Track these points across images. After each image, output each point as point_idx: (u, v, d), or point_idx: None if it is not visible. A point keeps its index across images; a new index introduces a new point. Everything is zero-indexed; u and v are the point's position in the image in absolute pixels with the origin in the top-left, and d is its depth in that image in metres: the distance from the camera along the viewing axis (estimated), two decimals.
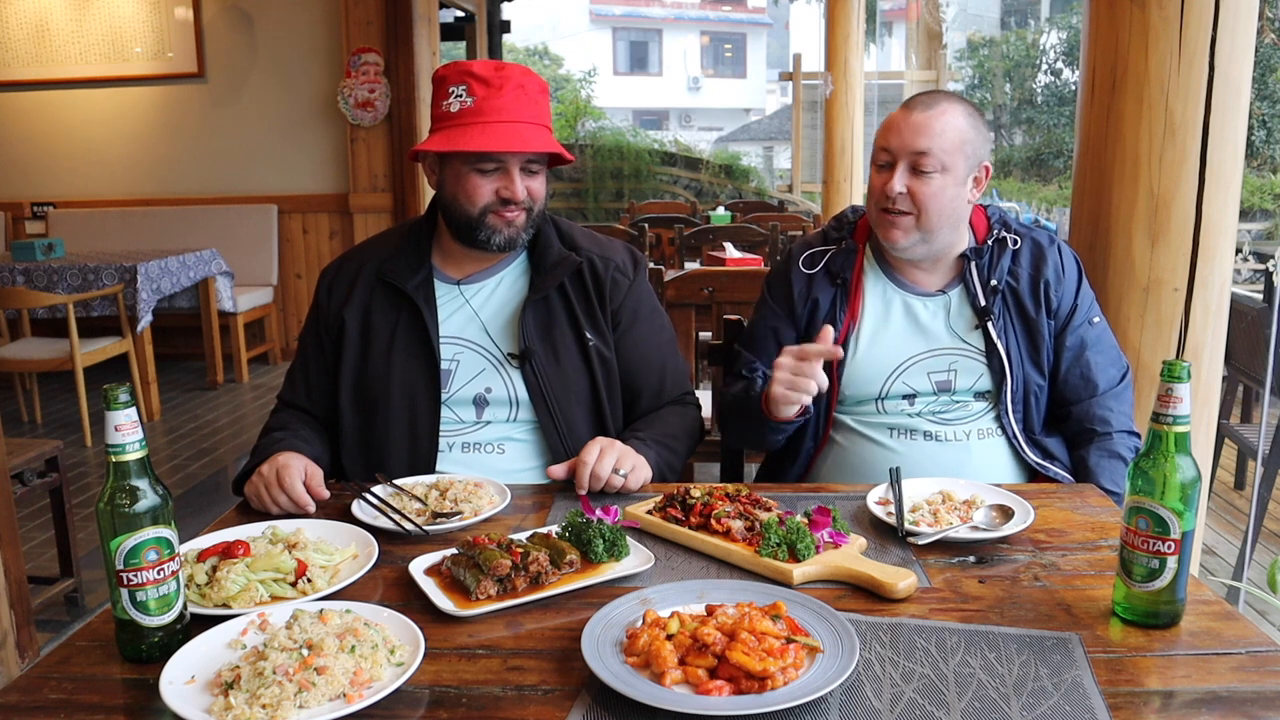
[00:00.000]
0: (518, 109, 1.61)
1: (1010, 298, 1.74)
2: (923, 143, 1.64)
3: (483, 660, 1.05)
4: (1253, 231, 11.59)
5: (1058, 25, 18.35)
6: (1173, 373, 1.07)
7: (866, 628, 1.09)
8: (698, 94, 28.68)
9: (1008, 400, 1.72)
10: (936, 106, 1.67)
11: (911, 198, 1.66)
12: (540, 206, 1.70)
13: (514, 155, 1.62)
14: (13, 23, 6.37)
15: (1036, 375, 1.74)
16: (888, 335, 1.76)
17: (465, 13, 8.55)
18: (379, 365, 1.69)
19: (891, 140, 1.68)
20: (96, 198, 6.50)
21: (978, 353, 1.73)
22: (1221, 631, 1.09)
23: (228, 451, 4.59)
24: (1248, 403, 4.13)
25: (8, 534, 2.26)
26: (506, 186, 1.63)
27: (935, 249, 1.73)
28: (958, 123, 1.66)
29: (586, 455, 1.52)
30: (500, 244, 1.67)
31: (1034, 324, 1.74)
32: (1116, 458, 1.70)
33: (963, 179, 1.68)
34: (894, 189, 1.66)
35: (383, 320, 1.71)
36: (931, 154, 1.64)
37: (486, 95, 1.60)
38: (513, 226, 1.66)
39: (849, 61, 7.73)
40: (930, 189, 1.65)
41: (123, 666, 1.06)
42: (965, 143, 1.66)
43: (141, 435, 1.05)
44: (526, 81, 1.63)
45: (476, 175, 1.63)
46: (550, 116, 1.69)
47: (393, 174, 6.16)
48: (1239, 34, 1.84)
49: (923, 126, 1.65)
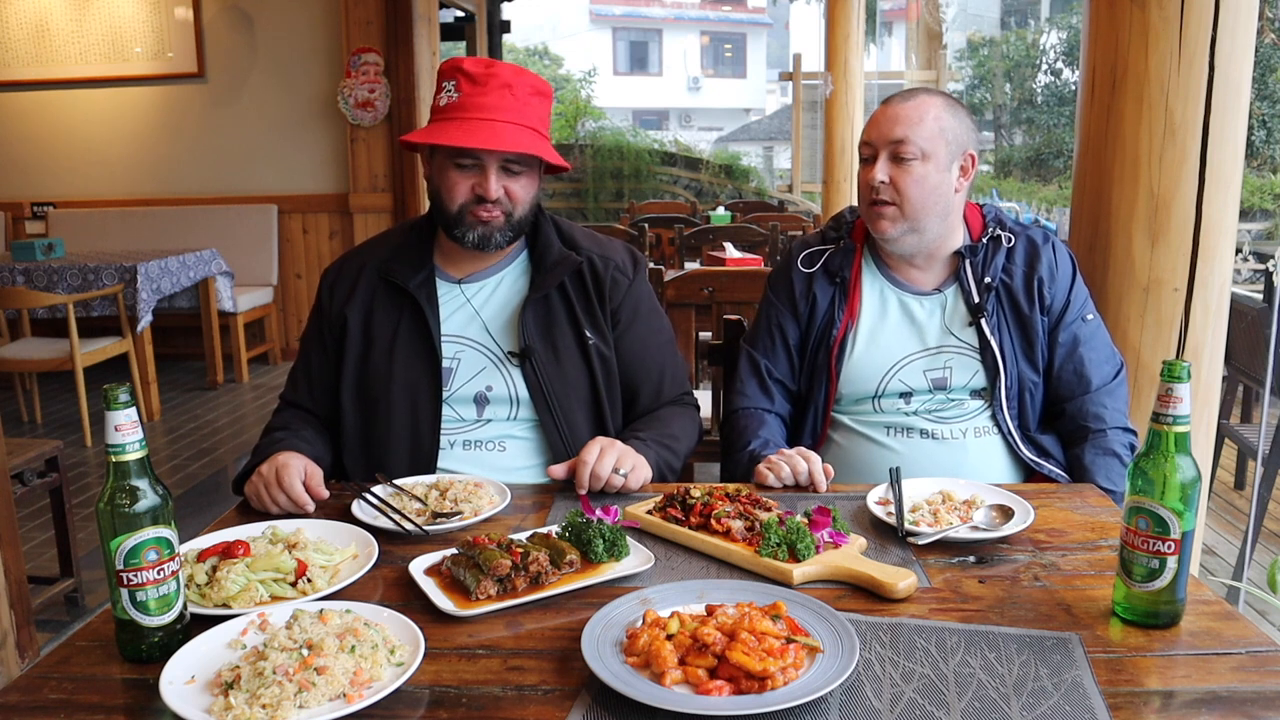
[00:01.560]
0: (501, 108, 1.60)
1: (1004, 295, 1.75)
2: (899, 131, 1.67)
3: (483, 660, 1.05)
4: (1253, 231, 11.58)
5: (1058, 25, 18.34)
6: (1173, 373, 1.07)
7: (866, 628, 1.09)
8: (698, 94, 28.68)
9: (1002, 397, 1.72)
10: (914, 99, 1.70)
11: (894, 187, 1.68)
12: (522, 210, 1.67)
13: (490, 154, 1.61)
14: (13, 23, 6.37)
15: (1031, 372, 1.75)
16: (884, 334, 1.77)
17: (465, 13, 8.55)
18: (380, 364, 1.70)
19: (871, 133, 1.71)
20: (96, 198, 6.50)
21: (972, 350, 1.74)
22: (1221, 631, 1.09)
23: (228, 451, 4.59)
24: (1248, 403, 4.13)
25: (8, 534, 2.26)
26: (481, 184, 1.62)
27: (928, 241, 1.74)
28: (935, 111, 1.68)
29: (586, 455, 1.52)
30: (474, 241, 1.66)
31: (1028, 321, 1.74)
32: (1111, 455, 1.71)
33: (945, 166, 1.69)
34: (875, 178, 1.68)
35: (385, 319, 1.71)
36: (909, 140, 1.66)
37: (471, 92, 1.60)
38: (488, 226, 1.65)
39: (849, 61, 7.73)
40: (911, 176, 1.67)
41: (123, 666, 1.06)
42: (944, 129, 1.68)
43: (141, 435, 1.05)
44: (516, 81, 1.62)
45: (455, 171, 1.63)
46: (545, 121, 1.67)
47: (393, 174, 6.16)
48: (1239, 34, 1.84)
49: (899, 116, 1.68)
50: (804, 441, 1.81)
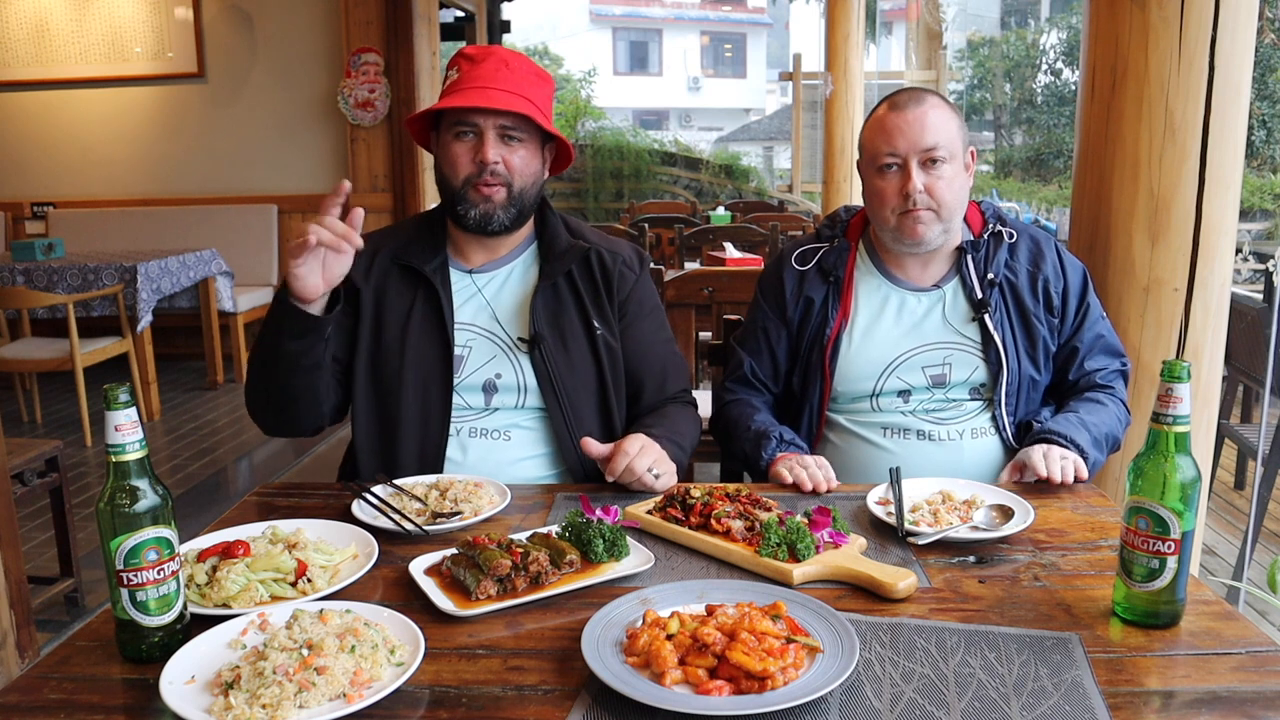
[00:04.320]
0: (497, 78, 1.63)
1: (1008, 291, 1.76)
2: (930, 138, 1.66)
3: (483, 660, 1.05)
4: (1253, 231, 11.58)
5: (1058, 25, 18.34)
6: (1173, 373, 1.07)
7: (866, 628, 1.09)
8: (698, 94, 28.67)
9: (1002, 393, 1.73)
10: (926, 102, 1.70)
11: (930, 193, 1.68)
12: (522, 184, 1.67)
13: (487, 118, 1.62)
14: (13, 23, 6.37)
15: (1032, 369, 1.75)
16: (881, 331, 1.77)
17: (465, 13, 8.54)
18: (393, 348, 1.70)
19: (897, 143, 1.68)
20: (96, 198, 6.50)
21: (974, 345, 1.75)
22: (1221, 631, 1.09)
23: (228, 451, 4.59)
24: (1248, 403, 4.13)
25: (8, 534, 2.26)
26: (480, 150, 1.63)
27: (947, 238, 1.76)
28: (948, 113, 1.71)
29: (629, 446, 1.51)
30: (476, 219, 1.67)
31: (1031, 319, 1.75)
32: (1097, 402, 1.73)
33: (964, 163, 1.72)
34: (915, 187, 1.67)
35: (398, 303, 1.72)
36: (940, 146, 1.67)
37: (470, 69, 1.65)
38: (490, 202, 1.65)
39: (849, 61, 7.74)
40: (944, 180, 1.69)
41: (123, 666, 1.06)
42: (959, 129, 1.71)
43: (141, 435, 1.05)
44: (514, 60, 1.66)
45: (455, 143, 1.65)
46: (545, 101, 1.69)
47: (393, 174, 6.16)
48: (1239, 34, 1.84)
49: (924, 122, 1.67)
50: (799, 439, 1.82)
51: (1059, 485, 1.52)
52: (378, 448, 1.71)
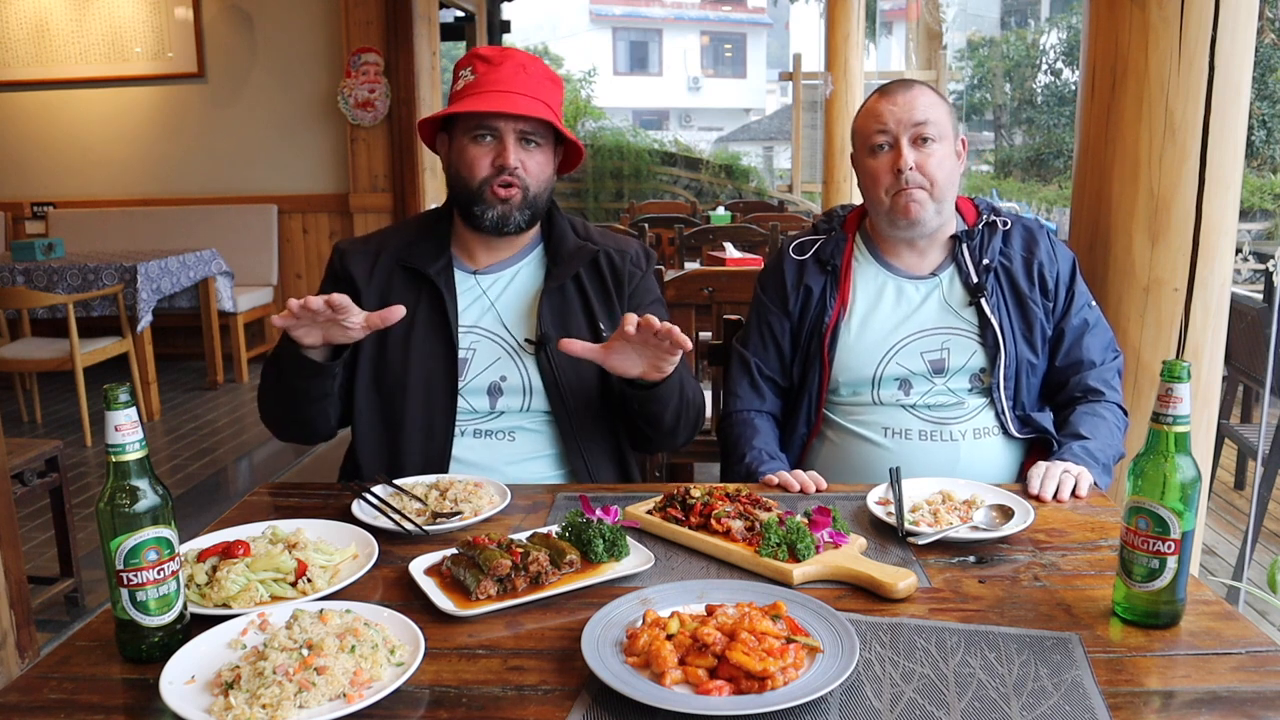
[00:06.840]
0: (516, 82, 1.64)
1: (1003, 276, 1.78)
2: (919, 113, 1.71)
3: (483, 660, 1.05)
4: (1253, 231, 11.59)
5: (1058, 25, 18.35)
6: (1173, 373, 1.07)
7: (866, 628, 1.09)
8: (698, 94, 28.68)
9: (1000, 376, 1.74)
10: (914, 86, 1.76)
11: (921, 170, 1.71)
12: (537, 188, 1.69)
13: (507, 122, 1.63)
14: (13, 23, 6.37)
15: (1029, 352, 1.77)
16: (879, 318, 1.79)
17: (465, 13, 8.54)
18: (397, 351, 1.70)
19: (887, 121, 1.72)
20: (96, 198, 6.49)
21: (971, 330, 1.76)
22: (1221, 631, 1.09)
23: (228, 451, 4.59)
24: (1248, 403, 4.13)
25: (8, 534, 2.25)
26: (500, 154, 1.64)
27: (941, 222, 1.77)
28: (937, 98, 1.76)
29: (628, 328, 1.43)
30: (493, 220, 1.67)
31: (1027, 303, 1.77)
32: (1098, 416, 1.72)
33: (954, 146, 1.76)
34: (907, 162, 1.70)
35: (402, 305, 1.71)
36: (930, 122, 1.71)
37: (487, 71, 1.65)
38: (506, 205, 1.66)
39: (849, 61, 7.74)
40: (935, 158, 1.71)
41: (123, 666, 1.06)
42: (948, 114, 1.76)
43: (141, 435, 1.05)
44: (530, 63, 1.67)
45: (473, 145, 1.66)
46: (558, 102, 1.70)
47: (393, 174, 6.16)
48: (1239, 34, 1.84)
49: (913, 102, 1.72)
50: (798, 431, 1.83)
51: None
52: (382, 450, 1.70)
